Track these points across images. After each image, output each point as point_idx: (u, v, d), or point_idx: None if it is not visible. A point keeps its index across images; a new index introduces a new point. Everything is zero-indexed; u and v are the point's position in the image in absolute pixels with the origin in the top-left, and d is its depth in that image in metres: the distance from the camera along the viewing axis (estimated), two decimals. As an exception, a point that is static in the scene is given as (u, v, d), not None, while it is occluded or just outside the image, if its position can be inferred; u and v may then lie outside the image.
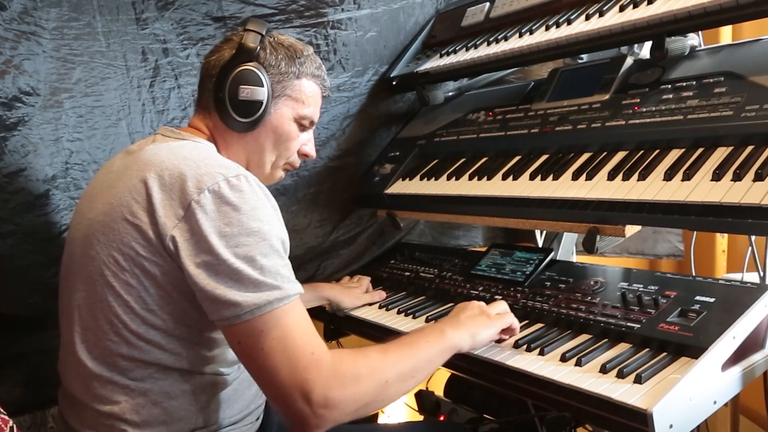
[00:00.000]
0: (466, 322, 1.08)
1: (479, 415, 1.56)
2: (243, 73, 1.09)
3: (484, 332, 1.09)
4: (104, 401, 0.95)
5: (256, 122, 1.11)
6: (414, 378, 0.99)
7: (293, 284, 0.92)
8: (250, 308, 0.87)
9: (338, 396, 0.88)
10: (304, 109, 1.17)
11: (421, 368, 0.99)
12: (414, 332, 1.06)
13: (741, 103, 1.09)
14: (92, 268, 0.95)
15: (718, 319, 1.00)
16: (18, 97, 1.23)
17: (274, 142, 1.16)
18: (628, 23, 1.21)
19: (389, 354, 0.96)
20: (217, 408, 1.01)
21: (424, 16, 1.82)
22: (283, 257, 0.93)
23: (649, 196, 1.07)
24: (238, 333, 0.89)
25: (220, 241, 0.87)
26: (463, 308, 1.13)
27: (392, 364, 0.95)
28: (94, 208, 0.98)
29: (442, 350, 1.03)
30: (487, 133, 1.54)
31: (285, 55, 1.13)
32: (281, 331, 0.88)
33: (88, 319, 0.96)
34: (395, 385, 0.95)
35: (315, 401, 0.86)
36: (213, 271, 0.87)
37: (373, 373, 0.92)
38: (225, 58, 1.11)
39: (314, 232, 1.77)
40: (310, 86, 1.17)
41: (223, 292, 0.87)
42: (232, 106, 1.09)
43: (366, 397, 0.91)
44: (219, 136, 1.13)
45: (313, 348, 0.89)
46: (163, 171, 0.92)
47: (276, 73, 1.12)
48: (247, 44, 1.10)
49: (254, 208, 0.91)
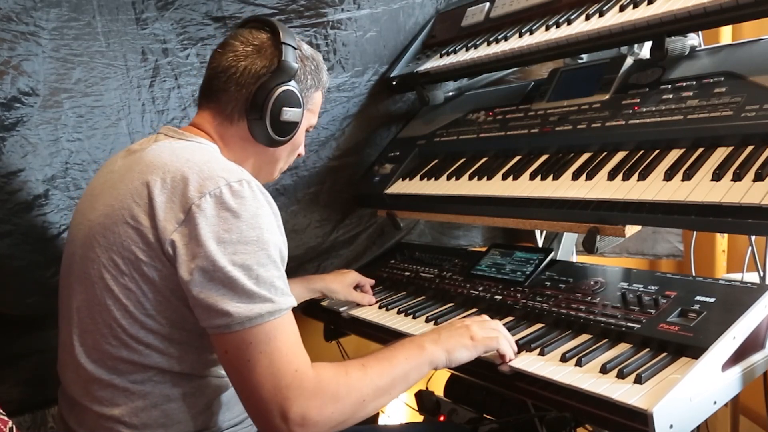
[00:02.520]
0: (447, 340, 1.05)
1: (479, 415, 1.55)
2: (287, 94, 1.08)
3: (461, 353, 1.05)
4: (103, 404, 0.94)
5: (288, 140, 1.13)
6: (390, 394, 0.98)
7: (286, 297, 0.91)
8: (241, 320, 0.86)
9: (315, 416, 0.88)
10: (314, 119, 1.20)
11: (397, 384, 0.98)
12: (394, 346, 1.03)
13: (741, 103, 1.09)
14: (92, 271, 0.94)
15: (718, 319, 1.00)
16: (17, 98, 1.23)
17: (289, 153, 1.19)
18: (628, 23, 1.21)
19: (368, 370, 0.95)
20: (216, 411, 1.00)
21: (424, 16, 1.82)
22: (280, 268, 0.92)
23: (649, 196, 1.07)
24: (226, 343, 0.88)
25: (218, 247, 0.86)
26: (450, 324, 1.11)
27: (370, 381, 0.94)
28: (96, 209, 0.97)
29: (419, 365, 1.01)
30: (487, 133, 1.54)
31: (310, 68, 1.14)
32: (269, 346, 0.87)
33: (87, 321, 0.95)
34: (372, 402, 0.95)
35: (292, 419, 0.86)
36: (207, 277, 0.86)
37: (351, 392, 0.92)
38: (258, 70, 1.06)
39: (314, 232, 1.77)
40: (319, 96, 1.20)
41: (215, 301, 0.86)
42: (272, 125, 1.08)
43: (343, 416, 0.91)
44: (229, 138, 1.09)
45: (297, 365, 0.88)
46: (165, 174, 0.91)
47: (304, 89, 1.13)
48: (290, 63, 1.06)
49: (255, 215, 0.89)
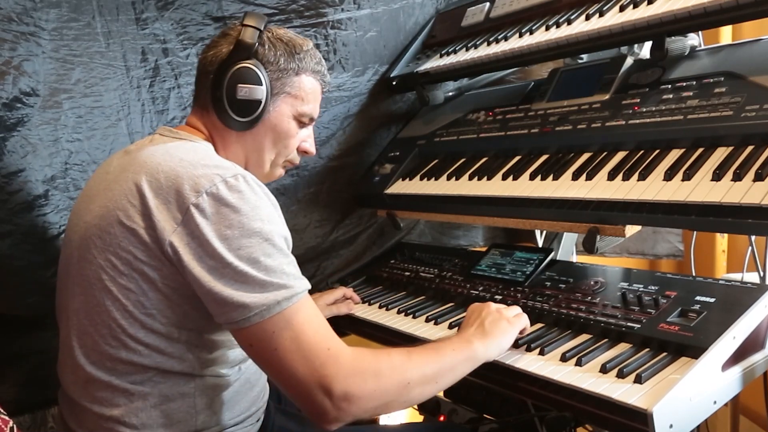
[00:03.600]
0: (492, 330, 1.06)
1: (479, 415, 1.55)
2: (241, 71, 1.07)
3: (508, 339, 1.07)
4: (103, 404, 0.94)
5: (254, 121, 1.09)
6: (437, 383, 0.98)
7: (300, 281, 0.91)
8: (258, 310, 0.86)
9: (358, 391, 0.87)
10: (303, 106, 1.14)
11: (444, 374, 0.98)
12: (440, 339, 1.05)
13: (741, 103, 1.09)
14: (89, 273, 0.93)
15: (718, 319, 1.00)
16: (18, 98, 1.23)
17: (274, 141, 1.14)
18: (628, 23, 1.21)
19: (413, 356, 0.96)
20: (217, 410, 1.00)
21: (424, 16, 1.82)
22: (287, 255, 0.92)
23: (649, 196, 1.07)
24: (248, 335, 0.88)
25: (222, 244, 0.86)
26: (485, 314, 1.10)
27: (415, 366, 0.94)
28: (91, 210, 0.97)
29: (467, 359, 1.01)
30: (487, 133, 1.54)
31: (284, 50, 1.11)
32: (293, 331, 0.87)
33: (86, 323, 0.95)
34: (417, 388, 0.94)
35: (336, 395, 0.86)
36: (218, 274, 0.86)
37: (394, 371, 0.92)
38: (222, 55, 1.08)
39: (314, 232, 1.77)
40: (309, 82, 1.15)
41: (230, 294, 0.86)
42: (230, 105, 1.07)
43: (387, 395, 0.91)
44: (217, 134, 1.11)
45: (328, 344, 0.88)
46: (158, 174, 0.91)
47: (275, 70, 1.10)
48: (244, 40, 1.06)
49: (254, 207, 0.89)
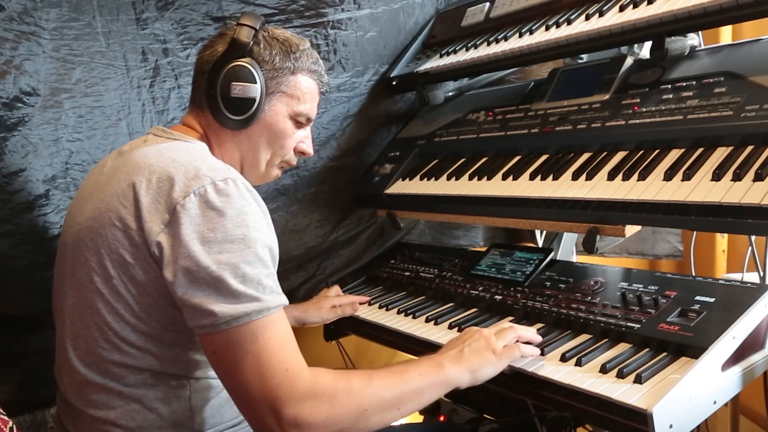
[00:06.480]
0: (469, 357, 1.00)
1: (479, 415, 1.55)
2: (235, 70, 1.06)
3: (487, 370, 1.01)
4: (99, 407, 0.93)
5: (248, 120, 1.08)
6: (399, 410, 0.93)
7: (275, 296, 0.88)
8: (226, 319, 0.84)
9: (309, 417, 0.84)
10: (299, 106, 1.14)
11: (407, 400, 0.93)
12: (409, 361, 1.00)
13: (741, 103, 1.09)
14: (82, 274, 0.93)
15: (718, 319, 1.00)
16: (19, 98, 1.23)
17: (269, 140, 1.13)
18: (628, 23, 1.21)
19: (373, 380, 0.91)
20: (213, 412, 1.00)
21: (424, 16, 1.82)
22: (268, 266, 0.89)
23: (649, 196, 1.07)
24: (213, 343, 0.86)
25: (203, 247, 0.85)
26: (469, 339, 1.04)
27: (375, 392, 0.90)
28: (84, 211, 0.97)
29: (435, 384, 0.97)
30: (487, 133, 1.54)
31: (279, 49, 1.10)
32: (257, 345, 0.84)
33: (79, 325, 0.94)
34: (376, 415, 0.90)
35: (285, 419, 0.83)
36: (191, 278, 0.85)
37: (350, 397, 0.87)
38: (217, 54, 1.08)
39: (314, 232, 1.77)
40: (306, 82, 1.14)
41: (201, 301, 0.84)
42: (224, 104, 1.06)
43: (342, 422, 0.87)
44: (212, 134, 1.11)
45: (288, 364, 0.85)
46: (151, 175, 0.90)
47: (270, 69, 1.09)
48: (239, 39, 1.06)
49: (241, 213, 0.87)
